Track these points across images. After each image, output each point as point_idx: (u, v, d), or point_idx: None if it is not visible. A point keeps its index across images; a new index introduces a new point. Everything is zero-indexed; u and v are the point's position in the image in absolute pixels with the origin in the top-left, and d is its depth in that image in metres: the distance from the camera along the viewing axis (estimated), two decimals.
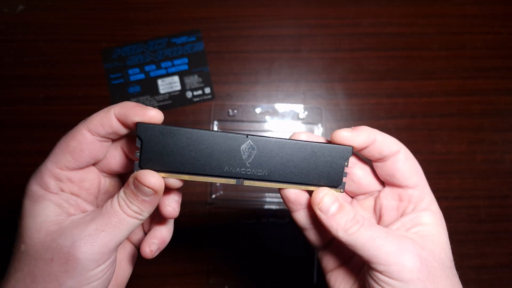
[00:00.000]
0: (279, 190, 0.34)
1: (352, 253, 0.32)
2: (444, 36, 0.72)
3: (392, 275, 0.29)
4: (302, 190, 0.33)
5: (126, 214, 0.31)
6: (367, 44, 0.71)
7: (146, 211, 0.31)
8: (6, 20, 0.70)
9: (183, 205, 0.70)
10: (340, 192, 0.33)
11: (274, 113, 0.69)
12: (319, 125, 0.68)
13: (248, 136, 0.31)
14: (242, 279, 0.66)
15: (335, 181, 0.33)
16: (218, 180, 0.31)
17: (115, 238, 0.30)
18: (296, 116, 0.69)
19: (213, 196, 0.66)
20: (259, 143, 0.31)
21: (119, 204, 0.31)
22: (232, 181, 0.32)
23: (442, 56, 0.71)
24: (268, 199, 0.66)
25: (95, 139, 0.32)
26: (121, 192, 0.31)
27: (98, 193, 0.35)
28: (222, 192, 0.67)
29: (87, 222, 0.30)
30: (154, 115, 0.30)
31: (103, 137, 0.32)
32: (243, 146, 0.31)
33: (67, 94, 0.68)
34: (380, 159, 0.33)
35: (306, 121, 0.69)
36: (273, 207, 0.66)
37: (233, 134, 0.31)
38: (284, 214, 0.66)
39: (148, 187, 0.30)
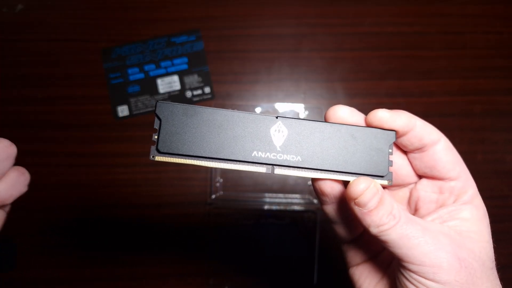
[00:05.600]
0: (312, 181, 0.31)
1: (381, 248, 0.29)
2: (445, 36, 0.71)
3: (427, 275, 0.26)
4: (340, 180, 0.29)
5: None
6: (367, 43, 0.71)
7: None
8: (5, 20, 0.69)
9: (182, 205, 0.71)
10: (387, 183, 0.29)
11: (274, 112, 0.68)
12: None
13: (278, 117, 0.28)
14: (242, 280, 0.66)
15: (379, 170, 0.29)
16: (246, 168, 0.28)
17: None
18: (296, 116, 0.68)
19: (213, 196, 0.66)
20: (291, 124, 0.28)
21: None
22: (262, 169, 0.28)
23: (443, 55, 0.71)
24: (268, 200, 0.66)
25: None
26: None
27: None
28: (222, 193, 0.66)
29: None
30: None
31: None
32: (273, 128, 0.28)
33: (66, 94, 0.68)
34: (419, 149, 0.30)
35: None
36: (273, 207, 0.66)
37: (262, 115, 0.28)
38: (284, 215, 0.66)
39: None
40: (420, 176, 0.33)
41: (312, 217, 0.65)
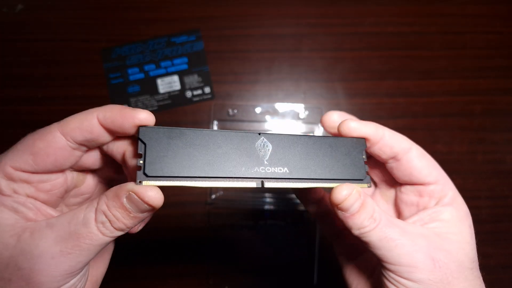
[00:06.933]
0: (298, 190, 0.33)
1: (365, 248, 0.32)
2: (445, 36, 0.71)
3: (403, 275, 0.28)
4: (326, 187, 0.31)
5: (104, 234, 0.26)
6: (367, 43, 0.71)
7: (130, 227, 0.27)
8: (5, 20, 0.69)
9: (182, 205, 0.71)
10: (367, 186, 0.31)
11: (274, 112, 0.68)
12: (320, 125, 0.68)
13: (260, 133, 0.30)
14: (242, 280, 0.66)
15: (358, 174, 0.31)
16: (236, 184, 0.28)
17: (85, 259, 0.26)
18: (296, 116, 0.68)
19: (213, 196, 0.66)
20: (273, 139, 0.30)
21: (96, 221, 0.26)
22: (252, 184, 0.28)
23: (443, 55, 0.71)
24: (268, 200, 0.66)
25: (67, 144, 0.27)
26: (102, 206, 0.26)
27: (64, 192, 0.31)
28: (222, 193, 0.66)
29: (49, 237, 0.25)
30: (145, 118, 0.27)
31: (79, 144, 0.28)
32: (257, 143, 0.29)
33: (66, 94, 0.68)
34: (393, 157, 0.32)
35: (306, 121, 0.68)
36: (273, 207, 0.66)
37: (245, 132, 0.29)
38: (284, 215, 0.66)
39: (148, 203, 0.26)
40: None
41: (312, 217, 0.65)
